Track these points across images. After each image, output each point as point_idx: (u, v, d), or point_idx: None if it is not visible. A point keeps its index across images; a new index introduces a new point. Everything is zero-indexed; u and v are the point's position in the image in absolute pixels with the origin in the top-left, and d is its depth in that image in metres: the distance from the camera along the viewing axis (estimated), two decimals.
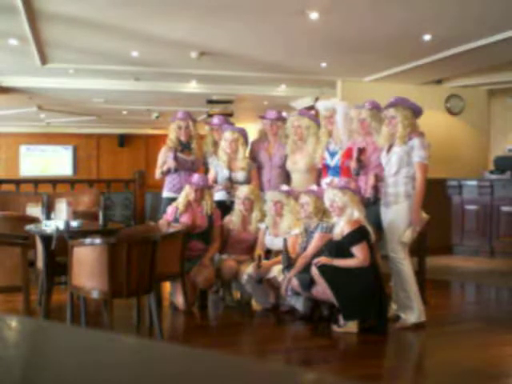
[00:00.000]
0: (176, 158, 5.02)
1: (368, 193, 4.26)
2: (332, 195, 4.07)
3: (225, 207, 4.98)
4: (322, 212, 4.31)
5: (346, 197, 4.01)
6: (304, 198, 4.34)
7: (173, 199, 4.93)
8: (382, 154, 4.20)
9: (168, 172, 5.09)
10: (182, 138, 5.18)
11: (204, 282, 4.58)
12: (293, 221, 4.53)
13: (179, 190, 4.91)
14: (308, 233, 4.38)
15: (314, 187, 4.47)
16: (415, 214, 4.02)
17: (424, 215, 4.15)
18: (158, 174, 5.22)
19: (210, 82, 8.70)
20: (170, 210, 4.74)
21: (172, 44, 6.27)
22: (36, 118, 12.90)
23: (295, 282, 4.20)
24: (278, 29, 5.68)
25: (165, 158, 5.13)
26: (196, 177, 4.72)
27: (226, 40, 6.13)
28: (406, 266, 4.08)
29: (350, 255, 3.96)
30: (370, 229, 4.02)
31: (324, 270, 3.95)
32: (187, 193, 4.70)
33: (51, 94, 9.26)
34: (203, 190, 4.69)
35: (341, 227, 4.02)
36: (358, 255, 3.93)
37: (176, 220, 4.65)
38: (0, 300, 4.66)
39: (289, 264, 4.23)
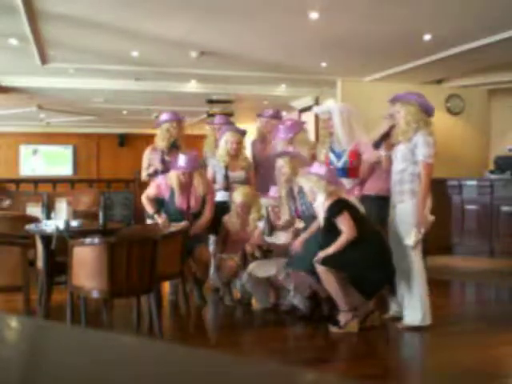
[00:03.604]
0: (163, 161, 4.99)
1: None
2: (302, 183, 4.11)
3: (225, 207, 4.97)
4: (299, 172, 4.29)
5: (311, 183, 4.01)
6: (279, 162, 4.33)
7: (158, 200, 4.93)
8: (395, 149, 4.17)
9: (155, 174, 5.05)
10: (170, 139, 5.13)
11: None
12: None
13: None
14: (292, 195, 4.36)
15: (290, 148, 4.45)
16: (419, 215, 3.95)
17: (430, 217, 4.06)
18: (144, 175, 5.17)
19: (209, 82, 8.70)
20: (164, 183, 4.65)
21: (172, 44, 6.27)
22: (36, 118, 12.90)
23: (300, 278, 4.19)
24: (278, 29, 5.68)
25: (149, 160, 5.11)
26: (180, 160, 4.61)
27: (225, 40, 6.13)
28: (415, 265, 4.01)
29: (337, 229, 3.94)
30: (354, 202, 4.02)
31: (327, 261, 3.92)
32: (177, 175, 4.63)
33: (51, 93, 9.27)
34: (190, 173, 4.61)
35: (321, 209, 4.01)
36: (342, 227, 3.89)
37: (172, 202, 4.62)
38: (0, 300, 4.66)
39: (271, 231, 4.27)
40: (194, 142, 7.42)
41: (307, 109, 9.89)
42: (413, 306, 4.03)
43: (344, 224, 3.90)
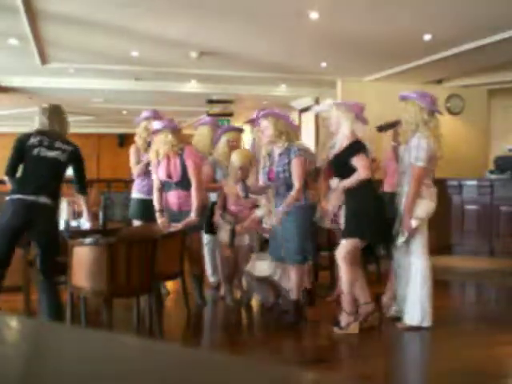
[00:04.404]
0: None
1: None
2: (331, 111, 4.08)
3: None
4: (284, 134, 4.11)
5: (340, 111, 3.97)
6: (263, 123, 4.17)
7: (142, 200, 4.92)
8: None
9: (148, 165, 4.94)
10: (147, 139, 5.09)
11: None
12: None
13: (148, 191, 4.89)
14: (272, 157, 4.21)
15: (275, 109, 4.34)
16: (404, 217, 3.92)
17: (414, 222, 3.93)
18: (138, 169, 5.08)
19: (209, 82, 8.71)
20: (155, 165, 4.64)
21: (172, 44, 6.27)
22: (36, 118, 12.90)
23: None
24: (277, 29, 5.68)
25: (137, 157, 5.12)
26: (153, 124, 4.60)
27: (226, 40, 6.13)
28: (418, 266, 4.00)
29: (349, 169, 3.88)
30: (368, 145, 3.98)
31: (349, 232, 3.93)
32: (154, 143, 4.59)
33: (51, 93, 9.27)
34: (157, 133, 4.52)
35: (340, 142, 3.97)
36: (358, 166, 3.83)
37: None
38: (0, 300, 4.66)
39: (247, 193, 4.24)
40: None
41: (307, 109, 9.90)
42: (412, 306, 4.02)
43: (360, 163, 3.83)
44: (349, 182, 3.90)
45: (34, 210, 3.61)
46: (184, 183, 4.51)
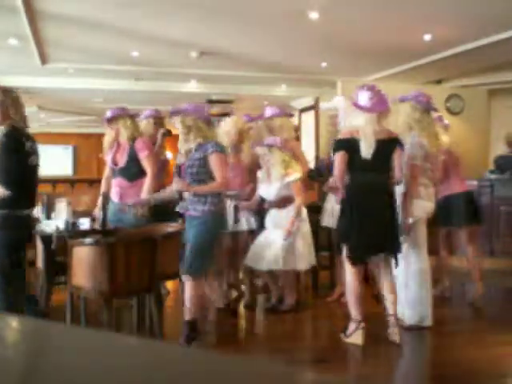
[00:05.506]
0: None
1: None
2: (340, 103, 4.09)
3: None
4: (193, 129, 3.73)
5: (345, 104, 3.97)
6: (175, 123, 3.85)
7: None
8: None
9: None
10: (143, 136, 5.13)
11: None
12: (284, 169, 4.45)
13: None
14: (191, 154, 3.78)
15: (184, 105, 3.91)
16: (402, 218, 3.89)
17: (411, 219, 3.91)
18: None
19: (210, 82, 8.71)
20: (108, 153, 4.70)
21: (172, 44, 6.27)
22: (36, 118, 12.89)
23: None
24: (277, 29, 5.68)
25: None
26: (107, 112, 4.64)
27: (226, 40, 6.13)
28: (415, 266, 4.00)
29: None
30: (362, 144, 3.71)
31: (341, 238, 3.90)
32: (112, 129, 4.61)
33: (51, 93, 9.27)
34: (115, 119, 4.54)
35: None
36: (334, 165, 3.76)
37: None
38: None
39: (181, 194, 3.79)
40: None
41: (307, 109, 9.89)
42: (410, 305, 4.04)
43: (336, 163, 3.73)
44: (326, 186, 3.91)
45: (31, 224, 3.69)
46: (127, 172, 4.45)
